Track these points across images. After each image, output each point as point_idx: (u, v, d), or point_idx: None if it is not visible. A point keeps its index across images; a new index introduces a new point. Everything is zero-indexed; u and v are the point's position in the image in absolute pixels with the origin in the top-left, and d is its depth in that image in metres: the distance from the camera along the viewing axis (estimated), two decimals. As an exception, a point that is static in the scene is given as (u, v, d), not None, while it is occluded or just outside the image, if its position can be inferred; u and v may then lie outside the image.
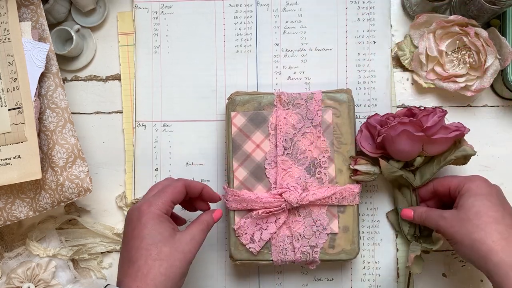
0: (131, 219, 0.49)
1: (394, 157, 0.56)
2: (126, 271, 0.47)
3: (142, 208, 0.49)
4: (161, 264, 0.46)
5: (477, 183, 0.52)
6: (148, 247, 0.47)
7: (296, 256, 0.56)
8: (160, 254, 0.46)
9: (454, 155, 0.55)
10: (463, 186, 0.52)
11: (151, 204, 0.49)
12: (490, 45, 0.57)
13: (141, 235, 0.47)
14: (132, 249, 0.47)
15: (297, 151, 0.57)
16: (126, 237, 0.49)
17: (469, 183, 0.52)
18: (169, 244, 0.47)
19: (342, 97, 0.57)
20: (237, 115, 0.58)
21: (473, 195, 0.51)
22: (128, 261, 0.47)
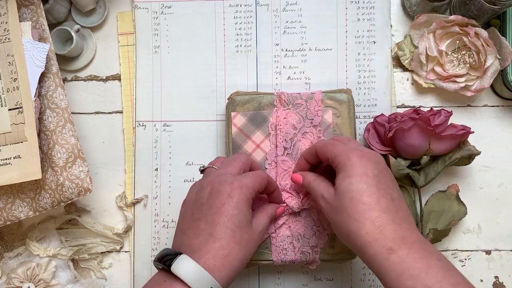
0: (220, 192, 0.46)
1: (402, 154, 0.57)
2: (204, 244, 0.45)
3: (234, 185, 0.46)
4: (240, 249, 0.45)
5: (352, 161, 0.46)
6: (234, 229, 0.45)
7: (296, 256, 0.56)
8: (241, 239, 0.46)
9: (460, 154, 0.57)
10: (338, 162, 0.47)
11: (243, 185, 0.47)
12: (490, 45, 0.57)
13: (230, 214, 0.45)
14: (217, 225, 0.45)
15: (297, 151, 0.57)
16: (208, 208, 0.46)
17: (344, 159, 0.47)
18: (249, 231, 0.47)
19: (342, 97, 0.57)
20: (237, 115, 0.58)
21: (348, 175, 0.45)
22: (208, 234, 0.45)
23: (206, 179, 0.49)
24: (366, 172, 0.45)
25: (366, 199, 0.44)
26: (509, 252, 0.62)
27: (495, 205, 0.62)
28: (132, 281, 0.63)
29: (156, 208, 0.63)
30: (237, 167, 0.50)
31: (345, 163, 0.46)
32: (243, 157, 0.52)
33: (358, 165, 0.46)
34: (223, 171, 0.49)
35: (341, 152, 0.48)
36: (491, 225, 0.62)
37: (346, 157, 0.47)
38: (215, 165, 0.52)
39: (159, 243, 0.63)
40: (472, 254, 0.62)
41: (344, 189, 0.45)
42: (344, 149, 0.48)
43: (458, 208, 0.60)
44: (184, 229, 0.48)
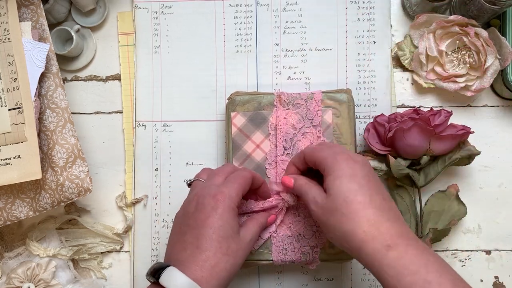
0: (204, 205, 0.47)
1: (402, 154, 0.57)
2: (191, 256, 0.45)
3: (217, 197, 0.47)
4: (228, 260, 0.45)
5: (340, 162, 0.46)
6: (220, 240, 0.46)
7: (296, 256, 0.56)
8: (228, 249, 0.46)
9: (460, 154, 0.57)
10: (326, 165, 0.47)
11: (226, 196, 0.47)
12: (490, 45, 0.57)
13: (214, 226, 0.46)
14: (203, 237, 0.46)
15: (297, 151, 0.57)
16: (193, 221, 0.47)
17: (331, 162, 0.47)
18: (236, 241, 0.47)
19: (342, 97, 0.57)
20: (237, 115, 0.58)
21: (337, 177, 0.46)
22: (194, 247, 0.46)
23: (192, 193, 0.50)
24: (355, 173, 0.46)
25: (360, 198, 0.44)
26: (509, 252, 0.62)
27: (495, 205, 0.62)
28: (132, 281, 0.63)
29: (156, 208, 0.63)
30: (222, 177, 0.50)
31: (333, 165, 0.47)
32: (228, 168, 0.52)
33: (346, 166, 0.46)
34: (208, 183, 0.50)
35: (328, 155, 0.48)
36: (491, 225, 0.62)
37: (334, 159, 0.47)
38: (201, 177, 0.52)
39: (159, 243, 0.63)
40: (472, 254, 0.62)
41: (336, 190, 0.45)
42: (331, 152, 0.48)
43: (458, 208, 0.60)
44: (173, 243, 0.48)
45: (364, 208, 0.44)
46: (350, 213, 0.44)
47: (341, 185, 0.45)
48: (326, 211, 0.46)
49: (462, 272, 0.61)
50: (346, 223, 0.44)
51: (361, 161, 0.47)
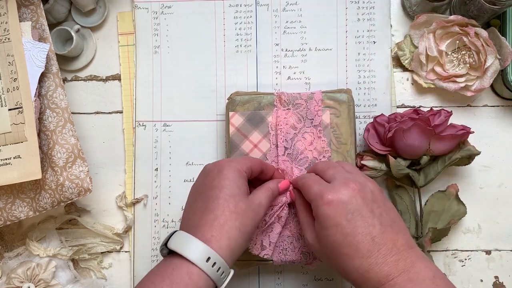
0: (210, 171, 0.49)
1: (401, 154, 0.57)
2: (200, 218, 0.45)
3: (222, 162, 0.49)
4: (237, 217, 0.45)
5: (323, 212, 0.45)
6: (227, 198, 0.46)
7: (297, 256, 0.56)
8: (236, 207, 0.46)
9: (460, 154, 0.57)
10: (313, 209, 0.47)
11: (231, 160, 0.49)
12: (490, 45, 0.57)
13: (221, 185, 0.46)
14: (210, 198, 0.46)
15: (297, 152, 0.57)
16: (203, 187, 0.48)
17: (316, 210, 0.46)
18: (245, 200, 0.47)
19: (342, 97, 0.57)
20: (235, 115, 0.58)
21: (323, 227, 0.45)
22: (203, 209, 0.46)
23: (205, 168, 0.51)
24: (340, 222, 0.44)
25: (345, 250, 0.44)
26: (509, 252, 0.62)
27: (495, 205, 0.62)
28: (132, 281, 0.63)
29: (156, 208, 0.63)
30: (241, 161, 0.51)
31: (318, 213, 0.46)
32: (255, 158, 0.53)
33: (330, 215, 0.44)
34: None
35: (313, 199, 0.47)
36: (491, 225, 0.62)
37: (317, 207, 0.46)
38: None
39: (159, 243, 0.63)
40: (472, 254, 0.62)
41: (324, 241, 0.46)
42: (315, 194, 0.46)
43: (458, 208, 0.60)
44: (185, 214, 0.49)
45: (351, 260, 0.44)
46: (340, 263, 0.45)
47: (327, 237, 0.45)
48: (320, 254, 0.48)
49: (462, 272, 0.62)
50: (338, 269, 0.46)
51: (346, 199, 0.45)
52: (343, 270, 0.45)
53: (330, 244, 0.45)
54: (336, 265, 0.46)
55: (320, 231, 0.46)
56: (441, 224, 0.59)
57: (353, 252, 0.44)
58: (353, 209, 0.44)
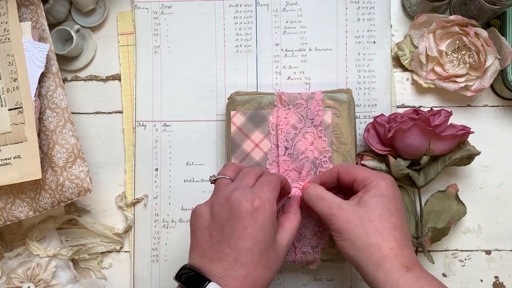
0: (241, 212, 0.43)
1: (401, 154, 0.57)
2: (230, 270, 0.42)
3: (256, 203, 0.43)
4: (267, 271, 0.44)
5: (386, 183, 0.48)
6: (260, 253, 0.43)
7: (297, 256, 0.56)
8: (268, 262, 0.44)
9: (460, 154, 0.57)
10: (370, 182, 0.48)
11: (265, 202, 0.44)
12: (490, 45, 0.57)
13: (255, 237, 0.43)
14: (243, 250, 0.42)
15: (298, 151, 0.57)
16: (233, 232, 0.43)
17: (378, 180, 0.48)
18: (274, 250, 0.45)
19: (342, 97, 0.57)
20: (236, 114, 0.58)
21: (379, 195, 0.47)
22: (233, 260, 0.42)
23: (221, 195, 0.46)
24: (395, 197, 0.48)
25: (394, 220, 0.46)
26: (509, 252, 0.62)
27: (495, 205, 0.62)
28: (132, 281, 0.63)
29: (156, 208, 0.63)
30: (253, 179, 0.47)
31: (379, 184, 0.48)
32: (257, 170, 0.49)
33: (390, 189, 0.48)
34: (239, 184, 0.46)
35: (373, 174, 0.50)
36: (491, 225, 0.62)
37: (381, 179, 0.49)
38: (227, 175, 0.49)
39: (159, 243, 0.63)
40: (472, 254, 0.62)
41: (374, 204, 0.47)
42: (372, 172, 0.50)
43: (458, 208, 0.60)
44: (203, 251, 0.44)
45: (395, 229, 0.46)
46: (382, 227, 0.46)
47: (380, 202, 0.47)
48: (355, 218, 0.46)
49: (462, 272, 0.62)
50: (375, 235, 0.46)
51: (398, 189, 0.50)
52: (381, 236, 0.45)
53: (381, 208, 0.47)
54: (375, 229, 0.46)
55: (372, 197, 0.47)
56: (441, 224, 0.59)
57: (399, 224, 0.47)
58: (402, 198, 0.50)
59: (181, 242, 0.62)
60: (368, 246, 0.45)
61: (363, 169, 0.51)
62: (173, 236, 0.63)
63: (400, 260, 0.44)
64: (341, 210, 0.47)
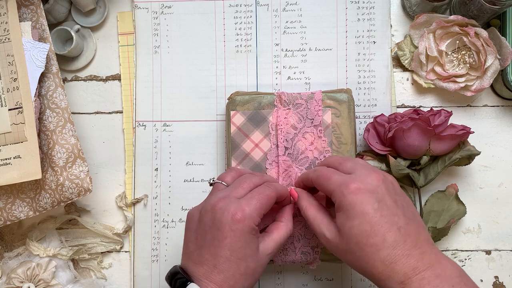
0: (222, 223, 0.45)
1: (401, 154, 0.57)
2: (209, 274, 0.44)
3: (237, 216, 0.44)
4: (246, 278, 0.45)
5: (349, 200, 0.44)
6: (238, 262, 0.45)
7: (297, 256, 0.56)
8: (247, 269, 0.45)
9: (459, 154, 0.57)
10: (335, 200, 0.45)
11: (246, 216, 0.45)
12: (490, 45, 0.57)
13: (232, 247, 0.44)
14: (220, 258, 0.44)
15: (297, 151, 0.57)
16: (213, 240, 0.45)
17: (340, 199, 0.44)
18: (255, 259, 0.46)
19: (342, 97, 0.57)
20: (236, 114, 0.58)
21: (348, 217, 0.44)
22: (212, 266, 0.45)
23: (210, 200, 0.47)
24: (366, 210, 0.43)
25: (372, 241, 0.43)
26: (509, 252, 0.62)
27: (495, 205, 0.62)
28: (132, 281, 0.63)
29: (156, 208, 0.63)
30: (246, 189, 0.48)
31: (342, 203, 0.44)
32: (255, 179, 0.49)
33: (357, 203, 0.44)
34: (229, 192, 0.47)
35: (335, 188, 0.45)
36: (491, 225, 0.62)
37: (342, 196, 0.44)
38: (225, 180, 0.50)
39: (159, 243, 0.63)
40: (472, 254, 0.62)
41: (348, 233, 0.44)
42: (338, 183, 0.45)
43: (458, 208, 0.60)
44: (189, 253, 0.47)
45: (377, 251, 0.43)
46: (365, 256, 0.43)
47: (352, 228, 0.44)
48: (340, 251, 0.45)
49: (462, 272, 0.61)
50: (362, 264, 0.44)
51: (372, 188, 0.44)
52: (367, 264, 0.43)
53: (356, 235, 0.43)
54: (359, 260, 0.44)
55: (344, 224, 0.44)
56: (441, 224, 0.59)
57: (380, 242, 0.43)
58: (379, 198, 0.44)
59: (181, 242, 0.62)
60: (361, 272, 0.45)
61: (329, 179, 0.47)
62: (173, 236, 0.63)
63: (394, 278, 0.42)
64: (327, 241, 0.46)
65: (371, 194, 0.44)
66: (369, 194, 0.44)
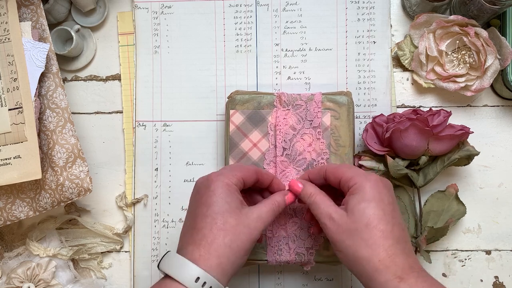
0: (200, 187, 0.48)
1: (400, 154, 0.57)
2: (189, 238, 0.45)
3: (211, 176, 0.47)
4: (226, 234, 0.44)
5: (370, 184, 0.46)
6: (214, 215, 0.45)
7: (291, 257, 0.56)
8: (225, 224, 0.44)
9: (459, 154, 0.57)
10: (354, 184, 0.46)
11: (221, 174, 0.47)
12: (490, 45, 0.57)
13: (208, 202, 0.45)
14: (198, 216, 0.46)
15: (295, 152, 0.57)
16: (193, 205, 0.48)
17: (362, 182, 0.46)
18: (235, 216, 0.45)
19: (342, 100, 0.57)
20: (235, 113, 0.58)
21: (365, 199, 0.45)
22: (192, 228, 0.46)
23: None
24: (382, 198, 0.45)
25: (382, 227, 0.44)
26: (509, 252, 0.62)
27: (495, 205, 0.62)
28: (132, 281, 0.63)
29: (156, 208, 0.63)
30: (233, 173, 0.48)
31: (363, 186, 0.46)
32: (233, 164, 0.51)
33: (376, 190, 0.45)
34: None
35: (358, 174, 0.47)
36: (491, 225, 0.62)
37: (365, 179, 0.46)
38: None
39: (159, 243, 0.63)
40: (472, 254, 0.62)
41: (360, 212, 0.45)
42: (358, 172, 0.47)
43: (457, 208, 0.60)
44: (181, 230, 0.48)
45: (384, 237, 0.44)
46: (370, 239, 0.44)
47: (366, 209, 0.44)
48: (343, 230, 0.45)
49: (462, 272, 0.62)
50: (364, 248, 0.44)
51: (388, 186, 0.47)
52: (369, 249, 0.43)
53: (368, 216, 0.44)
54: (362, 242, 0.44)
55: (357, 203, 0.45)
56: (440, 224, 0.59)
57: (388, 230, 0.44)
58: (393, 196, 0.47)
59: (181, 242, 0.62)
60: (357, 259, 0.44)
61: (349, 169, 0.49)
62: (173, 236, 0.63)
63: (392, 270, 0.42)
64: (332, 221, 0.46)
65: (389, 189, 0.47)
66: (387, 189, 0.47)
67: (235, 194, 0.47)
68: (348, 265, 0.46)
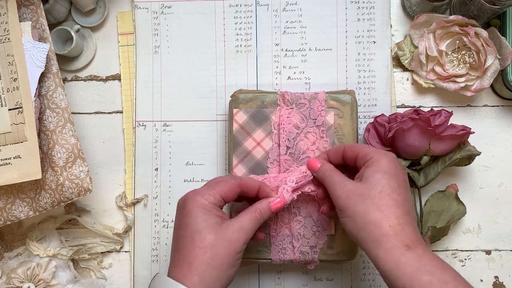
0: (179, 208, 0.49)
1: (401, 154, 0.57)
2: (174, 259, 0.46)
3: (188, 196, 0.48)
4: (205, 252, 0.45)
5: (388, 159, 0.47)
6: (193, 235, 0.45)
7: (295, 256, 0.56)
8: (203, 241, 0.45)
9: (460, 154, 0.57)
10: (371, 157, 0.48)
11: (197, 193, 0.48)
12: (490, 45, 0.57)
13: (185, 223, 0.46)
14: (179, 237, 0.47)
15: (299, 151, 0.57)
16: (175, 226, 0.49)
17: (379, 156, 0.48)
18: (214, 231, 0.45)
19: (345, 98, 0.57)
20: (239, 112, 0.58)
21: (381, 171, 0.46)
22: (174, 250, 0.47)
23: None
24: (398, 174, 0.47)
25: (396, 197, 0.45)
26: (509, 252, 0.62)
27: (495, 205, 0.62)
28: (132, 281, 0.63)
29: (156, 208, 0.63)
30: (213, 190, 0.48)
31: (380, 159, 0.47)
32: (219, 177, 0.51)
33: (392, 164, 0.47)
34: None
35: (375, 150, 0.49)
36: (491, 225, 0.62)
37: (382, 155, 0.48)
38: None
39: (159, 243, 0.63)
40: (472, 254, 0.62)
41: (375, 181, 0.46)
42: (375, 149, 0.49)
43: (458, 208, 0.60)
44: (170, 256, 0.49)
45: (396, 206, 0.45)
46: (382, 205, 0.45)
47: (382, 178, 0.46)
48: (355, 195, 0.46)
49: (462, 272, 0.61)
50: (375, 212, 0.45)
51: (403, 167, 0.49)
52: (381, 213, 0.44)
53: (383, 184, 0.45)
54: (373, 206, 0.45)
55: (374, 172, 0.46)
56: (440, 224, 0.59)
57: (401, 201, 0.45)
58: (406, 177, 0.49)
59: (181, 242, 0.62)
60: (367, 224, 0.45)
61: (367, 146, 0.51)
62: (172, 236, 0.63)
63: (401, 238, 0.43)
64: (344, 186, 0.47)
65: (403, 170, 0.49)
66: (402, 168, 0.49)
67: (213, 212, 0.47)
68: (354, 231, 0.46)
